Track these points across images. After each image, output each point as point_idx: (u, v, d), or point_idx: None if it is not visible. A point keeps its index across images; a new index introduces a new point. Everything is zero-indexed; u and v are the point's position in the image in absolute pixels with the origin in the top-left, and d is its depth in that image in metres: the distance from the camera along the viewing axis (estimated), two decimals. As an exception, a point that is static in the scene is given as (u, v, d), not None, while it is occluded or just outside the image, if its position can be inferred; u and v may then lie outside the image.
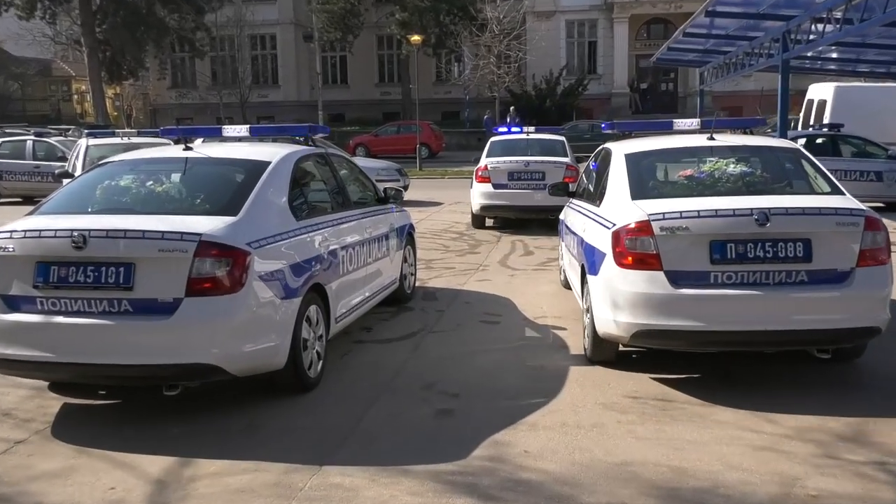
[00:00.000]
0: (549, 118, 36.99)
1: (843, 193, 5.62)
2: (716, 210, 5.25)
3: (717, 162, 5.89)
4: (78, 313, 4.67)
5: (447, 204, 18.33)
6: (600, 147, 7.30)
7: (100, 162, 5.98)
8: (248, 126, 6.61)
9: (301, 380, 5.26)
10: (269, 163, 5.59)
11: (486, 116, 35.54)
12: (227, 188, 5.37)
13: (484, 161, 14.01)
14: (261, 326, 4.86)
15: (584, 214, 6.68)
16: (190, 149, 5.86)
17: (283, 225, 5.29)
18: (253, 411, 5.05)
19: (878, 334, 5.23)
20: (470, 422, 4.81)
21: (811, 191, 5.74)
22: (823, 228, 5.19)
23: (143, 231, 4.73)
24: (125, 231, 4.73)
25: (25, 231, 4.85)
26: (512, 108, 35.41)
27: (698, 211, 5.26)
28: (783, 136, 13.82)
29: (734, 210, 5.22)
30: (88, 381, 5.15)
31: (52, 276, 4.73)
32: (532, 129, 15.57)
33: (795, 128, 20.24)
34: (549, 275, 9.47)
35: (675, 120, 7.13)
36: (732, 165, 5.86)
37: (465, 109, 40.35)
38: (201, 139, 6.96)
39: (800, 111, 21.70)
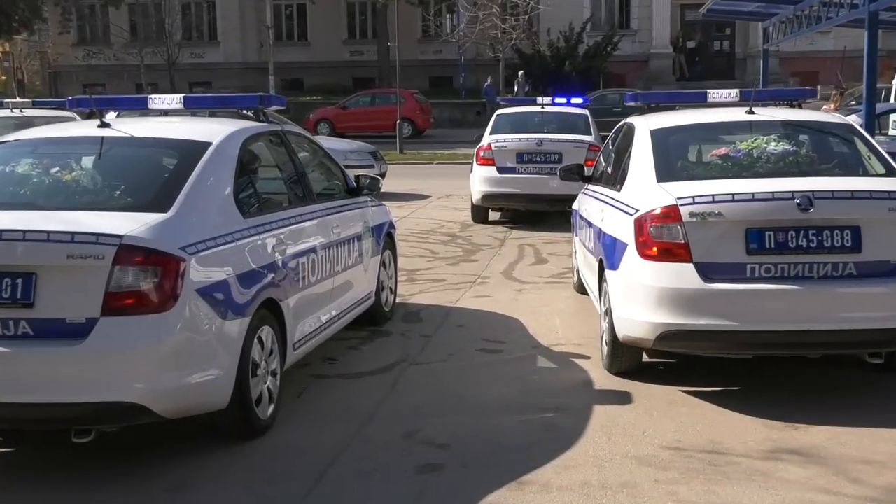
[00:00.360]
0: (568, 86, 37.16)
1: None
2: (753, 193, 5.77)
3: (756, 139, 6.43)
4: None
5: (436, 197, 18.41)
6: (622, 122, 7.82)
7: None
8: (180, 96, 6.64)
9: (249, 423, 5.32)
10: (208, 144, 5.63)
11: (486, 84, 35.70)
12: (156, 177, 5.44)
13: (487, 139, 14.19)
14: (198, 354, 4.89)
15: (601, 201, 7.24)
16: (106, 125, 5.85)
17: (228, 224, 5.34)
18: (182, 466, 5.08)
19: None
20: (463, 482, 4.84)
21: (864, 173, 6.34)
22: (875, 215, 5.69)
23: (48, 232, 4.68)
24: (24, 232, 4.68)
25: None
26: (521, 72, 35.54)
27: (733, 194, 5.78)
28: (870, 109, 13.89)
29: (773, 193, 5.75)
30: None
31: None
32: (547, 99, 15.79)
33: (886, 99, 20.37)
34: (567, 289, 9.52)
35: (709, 91, 7.71)
36: (774, 143, 6.40)
37: (461, 75, 40.50)
38: (118, 113, 7.05)
39: (893, 78, 21.82)
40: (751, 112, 6.84)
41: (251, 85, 41.81)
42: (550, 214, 14.06)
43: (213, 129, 5.90)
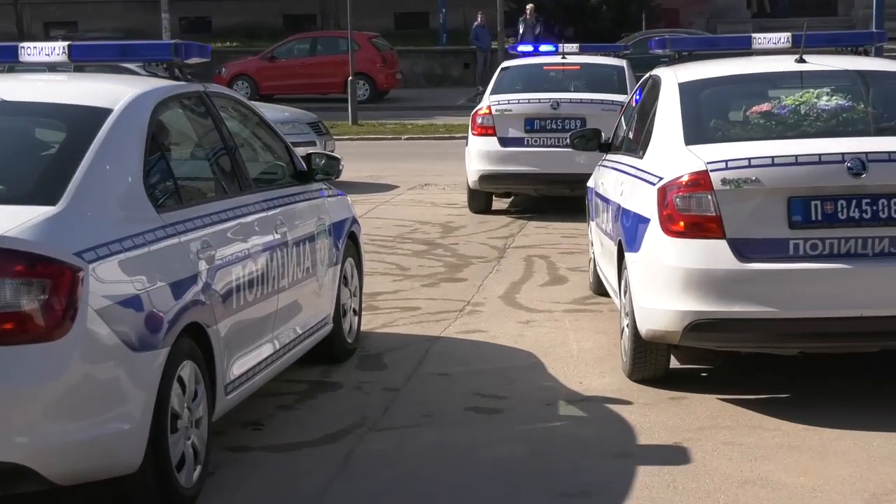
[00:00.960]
0: (599, 27, 37.32)
1: None
2: (797, 156, 6.80)
3: (805, 93, 7.42)
4: None
5: (406, 188, 18.47)
6: (647, 75, 8.84)
7: None
8: (64, 44, 6.75)
9: (167, 494, 5.44)
10: (108, 111, 5.78)
11: (476, 23, 35.86)
12: (37, 157, 5.69)
13: (487, 101, 14.56)
14: (99, 398, 5.02)
15: (621, 172, 8.31)
16: None
17: (137, 221, 5.51)
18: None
19: None
20: None
21: None
22: None
23: None
24: None
25: None
26: (529, 7, 35.63)
27: (772, 157, 6.82)
28: None
29: (821, 156, 6.75)
30: None
31: None
32: (572, 46, 16.12)
33: None
34: (597, 320, 9.60)
35: (754, 35, 8.94)
36: (826, 98, 7.37)
37: (440, 10, 40.62)
38: None
39: None
40: (801, 61, 7.89)
41: (135, 26, 41.77)
42: (574, 204, 14.05)
43: (112, 91, 6.08)
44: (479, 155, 14.56)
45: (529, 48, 17.84)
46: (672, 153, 7.29)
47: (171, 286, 5.51)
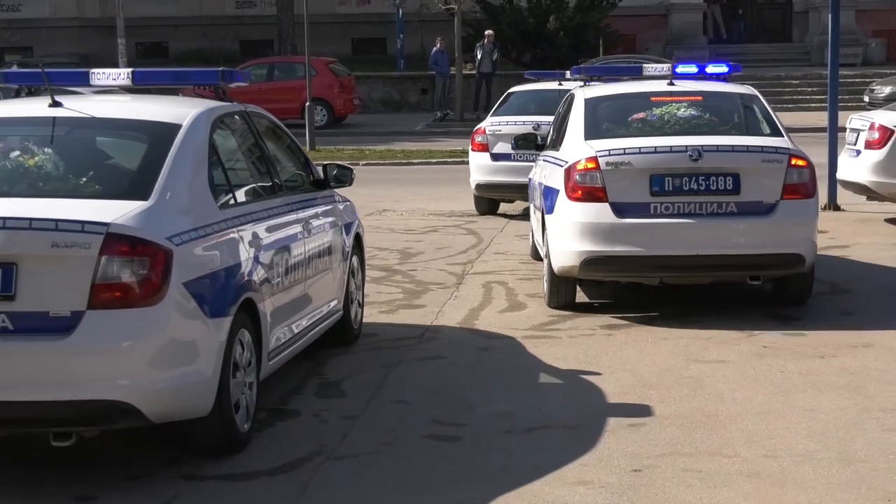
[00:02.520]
0: (556, 53, 37.50)
1: (781, 136, 10.71)
2: (655, 147, 10.31)
3: (669, 106, 10.94)
4: None
5: (364, 214, 18.26)
6: (568, 93, 12.37)
7: None
8: (128, 70, 8.10)
9: (228, 434, 6.80)
10: (178, 126, 7.12)
11: (435, 48, 35.90)
12: (129, 162, 7.03)
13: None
14: (185, 352, 6.41)
15: (546, 161, 11.78)
16: (58, 104, 7.28)
17: (206, 215, 6.88)
18: None
19: (802, 262, 10.25)
20: None
21: (754, 132, 10.94)
22: (750, 164, 10.29)
23: (30, 219, 6.10)
24: (4, 219, 6.08)
25: None
26: (487, 32, 35.78)
27: (640, 148, 10.30)
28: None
29: (671, 147, 10.30)
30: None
31: None
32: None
33: None
34: (558, 346, 9.64)
35: (644, 65, 13.42)
36: (683, 109, 10.93)
37: (398, 36, 40.69)
38: (22, 90, 8.45)
39: None
40: (671, 84, 11.49)
41: (92, 51, 41.65)
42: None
43: (178, 110, 7.42)
44: (477, 168, 17.42)
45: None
46: (575, 145, 10.75)
47: (233, 268, 6.91)
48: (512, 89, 18.67)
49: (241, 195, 7.57)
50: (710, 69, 12.68)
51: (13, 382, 5.93)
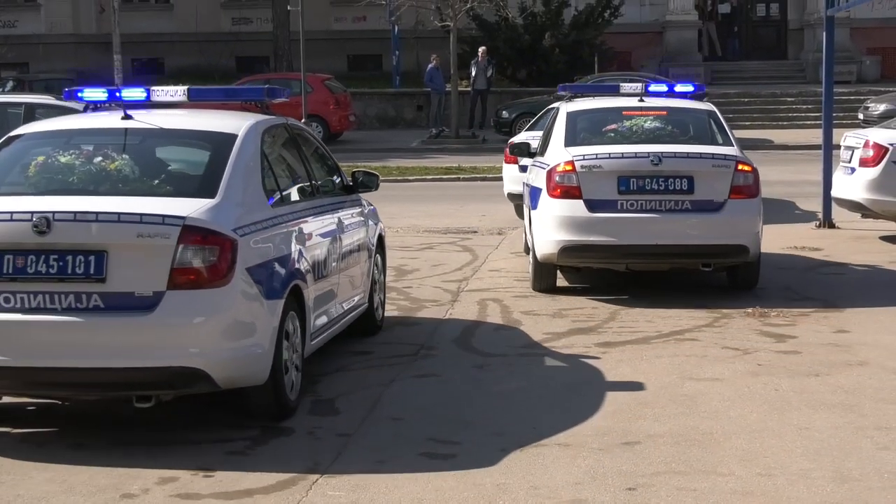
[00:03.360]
0: (552, 70, 37.55)
1: (731, 145, 12.62)
2: (622, 153, 12.19)
3: (637, 119, 12.92)
4: (38, 310, 7.18)
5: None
6: (553, 107, 15.25)
7: (15, 133, 8.67)
8: (184, 88, 9.11)
9: (280, 402, 7.95)
10: (235, 136, 8.31)
11: (430, 65, 35.94)
12: (195, 166, 8.25)
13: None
14: (247, 328, 7.55)
15: (533, 166, 13.72)
16: (129, 117, 8.48)
17: (261, 211, 8.05)
18: None
19: (746, 252, 12.02)
20: None
21: (708, 142, 12.77)
22: (702, 168, 12.16)
23: (119, 213, 7.30)
24: (97, 213, 7.28)
25: None
26: (482, 49, 35.84)
27: (609, 154, 12.19)
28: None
29: (636, 153, 12.17)
30: (44, 391, 7.79)
31: (6, 266, 7.21)
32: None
33: None
34: (550, 364, 9.65)
35: (621, 84, 14.97)
36: (649, 122, 12.89)
37: (393, 53, 40.75)
38: (87, 106, 9.76)
39: None
40: (641, 100, 13.47)
41: (88, 67, 41.62)
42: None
43: (232, 122, 8.63)
44: (509, 179, 18.01)
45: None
46: (557, 151, 12.63)
47: (284, 258, 8.07)
48: (551, 106, 18.41)
49: (286, 196, 8.72)
50: (679, 88, 13.97)
51: (105, 352, 7.13)
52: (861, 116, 31.84)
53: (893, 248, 15.64)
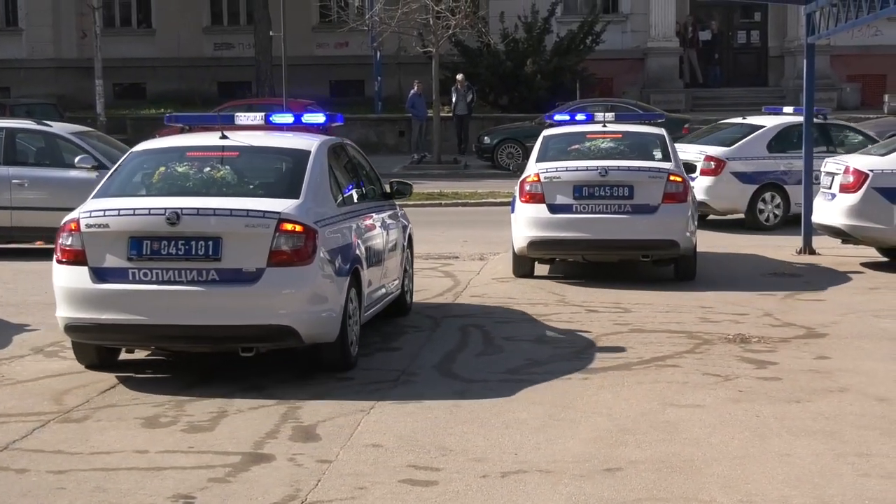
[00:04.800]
0: (533, 96, 37.63)
1: (669, 161, 15.35)
2: (577, 167, 15.26)
3: (597, 140, 15.92)
4: (169, 282, 9.51)
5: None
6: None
7: (136, 149, 11.10)
8: (262, 114, 11.48)
9: (345, 356, 10.25)
10: (308, 151, 10.67)
11: (412, 91, 35.97)
12: (282, 174, 10.69)
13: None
14: (325, 297, 9.87)
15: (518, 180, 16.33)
16: (226, 137, 10.74)
17: (331, 209, 10.44)
18: None
19: (677, 247, 14.85)
20: None
21: (649, 158, 15.48)
22: (640, 179, 14.93)
23: (231, 209, 9.67)
24: (214, 209, 9.66)
25: (119, 210, 9.73)
26: (460, 76, 35.89)
27: (566, 167, 15.27)
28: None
29: (587, 167, 15.15)
30: (170, 343, 10.13)
31: (144, 249, 9.56)
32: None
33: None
34: (532, 391, 9.65)
35: (596, 114, 17.92)
36: (605, 143, 15.85)
37: (376, 78, 40.80)
38: (184, 126, 12.08)
39: None
40: (605, 126, 16.32)
41: (69, 92, 41.63)
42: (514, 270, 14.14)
43: (305, 140, 11.05)
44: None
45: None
46: (529, 166, 15.62)
47: (349, 245, 10.48)
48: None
49: (347, 198, 11.13)
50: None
51: (220, 313, 9.53)
52: (841, 143, 31.96)
53: (874, 274, 15.70)
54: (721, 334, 11.63)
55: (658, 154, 15.65)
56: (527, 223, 14.98)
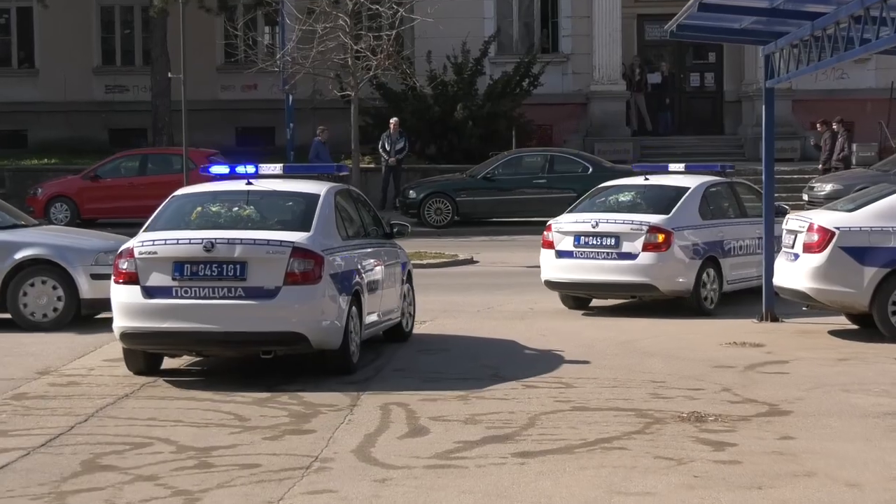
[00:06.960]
0: (464, 144, 37.78)
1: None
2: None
3: (616, 193, 20.30)
4: (205, 297, 13.35)
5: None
6: (605, 185, 21.45)
7: (177, 193, 15.06)
8: (280, 165, 15.86)
9: (347, 361, 13.85)
10: (319, 195, 14.37)
11: (315, 138, 35.99)
12: (296, 213, 14.31)
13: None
14: (330, 311, 13.52)
15: None
16: (251, 183, 14.58)
17: (336, 242, 14.14)
18: None
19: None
20: None
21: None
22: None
23: (255, 239, 13.57)
24: (241, 239, 13.54)
25: (165, 240, 13.62)
26: (394, 120, 35.97)
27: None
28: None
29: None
30: (204, 347, 13.94)
31: (185, 271, 13.40)
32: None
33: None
34: (461, 477, 9.62)
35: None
36: (623, 195, 20.11)
37: (288, 125, 40.74)
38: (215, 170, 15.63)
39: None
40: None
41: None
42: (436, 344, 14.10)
43: (316, 186, 14.85)
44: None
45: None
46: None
47: (350, 271, 14.13)
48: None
49: (350, 234, 14.89)
50: None
51: (245, 322, 13.26)
52: (806, 197, 32.31)
53: (842, 343, 15.85)
54: (674, 412, 11.66)
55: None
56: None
